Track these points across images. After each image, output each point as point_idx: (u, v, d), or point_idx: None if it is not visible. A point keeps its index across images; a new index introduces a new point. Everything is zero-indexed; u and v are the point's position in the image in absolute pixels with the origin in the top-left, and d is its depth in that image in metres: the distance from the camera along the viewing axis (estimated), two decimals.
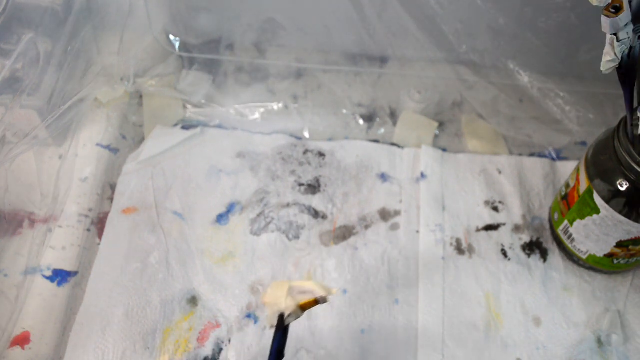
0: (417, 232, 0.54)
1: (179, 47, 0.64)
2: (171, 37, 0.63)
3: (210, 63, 0.64)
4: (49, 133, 0.49)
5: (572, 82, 0.61)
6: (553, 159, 0.60)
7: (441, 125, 0.62)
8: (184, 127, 0.60)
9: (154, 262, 0.51)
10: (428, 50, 0.60)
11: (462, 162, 0.59)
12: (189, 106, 0.62)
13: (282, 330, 0.37)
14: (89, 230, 0.52)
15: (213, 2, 0.61)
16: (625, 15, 0.36)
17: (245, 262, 0.51)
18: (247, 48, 0.65)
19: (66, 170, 0.53)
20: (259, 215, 0.54)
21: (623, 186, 0.44)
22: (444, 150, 0.60)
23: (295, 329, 0.48)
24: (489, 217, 0.55)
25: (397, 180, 0.57)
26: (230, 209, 0.55)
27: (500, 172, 0.58)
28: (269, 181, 0.57)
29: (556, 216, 0.52)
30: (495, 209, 0.56)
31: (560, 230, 0.52)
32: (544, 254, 0.53)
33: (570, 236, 0.50)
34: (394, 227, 0.54)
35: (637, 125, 0.42)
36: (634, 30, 0.37)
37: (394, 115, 0.62)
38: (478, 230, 0.54)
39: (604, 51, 0.38)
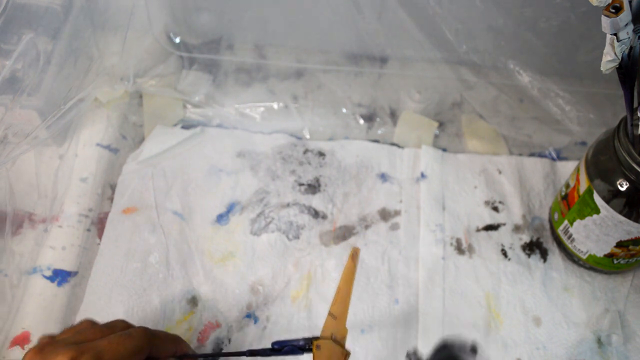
0: (417, 232, 0.54)
1: (179, 47, 0.64)
2: (171, 37, 0.63)
3: (210, 63, 0.64)
4: (49, 133, 0.49)
5: (572, 82, 0.61)
6: (553, 159, 0.60)
7: (441, 125, 0.62)
8: (184, 127, 0.60)
9: (154, 262, 0.51)
10: (428, 51, 0.60)
11: (462, 162, 0.59)
12: (189, 106, 0.62)
13: None
14: (89, 230, 0.52)
15: (213, 2, 0.61)
16: (625, 15, 0.36)
17: (245, 262, 0.51)
18: (247, 48, 0.65)
19: (66, 170, 0.53)
20: (259, 215, 0.54)
21: (623, 186, 0.44)
22: (444, 150, 0.60)
23: (296, 328, 0.48)
24: (489, 217, 0.55)
25: (397, 180, 0.57)
26: (230, 208, 0.55)
27: (500, 172, 0.58)
28: (269, 181, 0.56)
29: (556, 216, 0.52)
30: (495, 209, 0.56)
31: (560, 230, 0.52)
32: (544, 254, 0.53)
33: (570, 236, 0.50)
34: (394, 227, 0.54)
35: (637, 125, 0.42)
36: (634, 30, 0.37)
37: (394, 115, 0.62)
38: (478, 230, 0.54)
39: (604, 51, 0.38)
